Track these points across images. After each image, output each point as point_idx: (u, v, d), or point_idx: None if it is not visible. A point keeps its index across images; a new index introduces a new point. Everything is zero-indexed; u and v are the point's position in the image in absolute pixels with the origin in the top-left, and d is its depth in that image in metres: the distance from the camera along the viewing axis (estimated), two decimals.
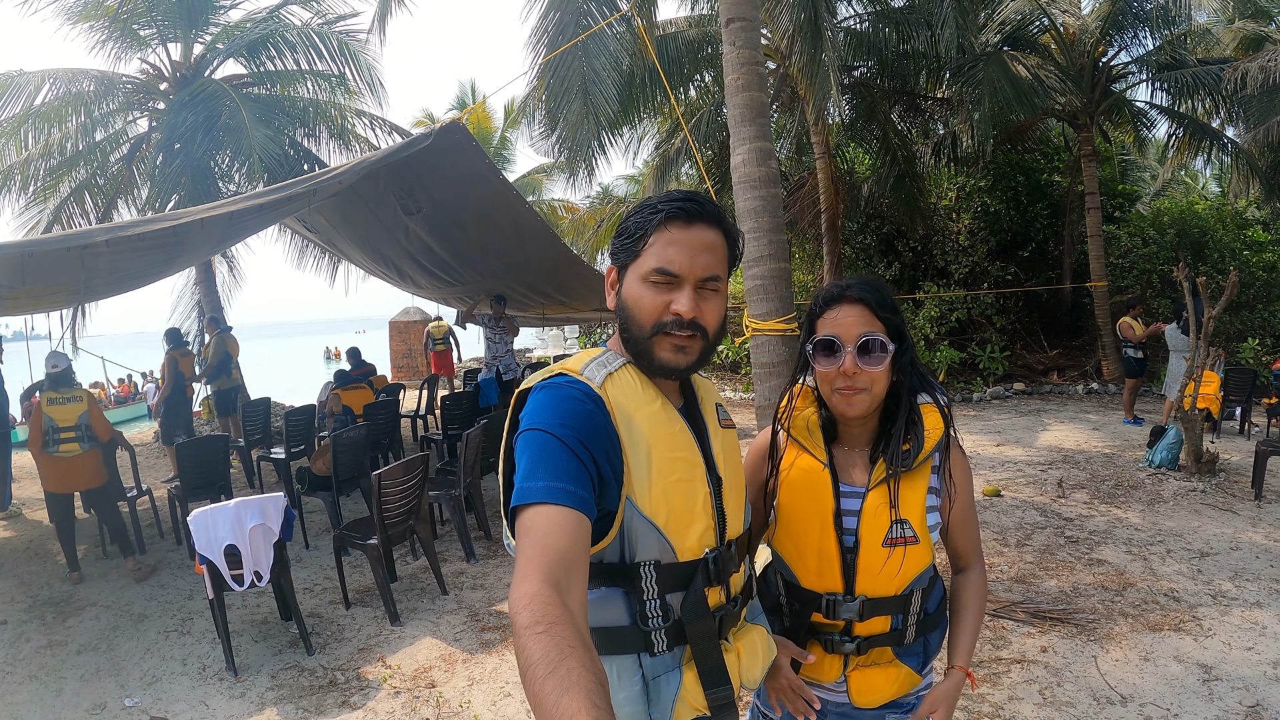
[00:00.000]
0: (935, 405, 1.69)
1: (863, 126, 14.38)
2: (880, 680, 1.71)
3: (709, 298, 1.38)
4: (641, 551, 1.32)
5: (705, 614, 1.37)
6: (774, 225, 5.50)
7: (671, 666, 1.36)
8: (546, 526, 1.13)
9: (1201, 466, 7.31)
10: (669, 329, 1.35)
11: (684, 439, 1.41)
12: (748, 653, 1.47)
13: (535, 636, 0.96)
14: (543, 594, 1.03)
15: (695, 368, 1.41)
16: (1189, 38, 13.62)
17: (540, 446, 1.23)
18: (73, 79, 11.33)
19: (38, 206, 12.08)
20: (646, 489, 1.32)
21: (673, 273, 1.35)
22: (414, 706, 3.95)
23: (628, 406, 1.35)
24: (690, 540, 1.36)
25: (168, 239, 6.33)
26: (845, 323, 1.61)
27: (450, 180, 8.34)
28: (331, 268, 15.20)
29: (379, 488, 5.00)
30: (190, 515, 4.37)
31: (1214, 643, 4.20)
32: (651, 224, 1.38)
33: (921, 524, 1.63)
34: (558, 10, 8.06)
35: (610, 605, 1.34)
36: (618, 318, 1.43)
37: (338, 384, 9.63)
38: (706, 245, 1.37)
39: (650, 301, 1.36)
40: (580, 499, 1.18)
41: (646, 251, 1.37)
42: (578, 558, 1.12)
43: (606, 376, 1.36)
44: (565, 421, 1.25)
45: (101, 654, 4.75)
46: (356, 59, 12.21)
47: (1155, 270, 13.75)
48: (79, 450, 6.14)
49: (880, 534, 1.62)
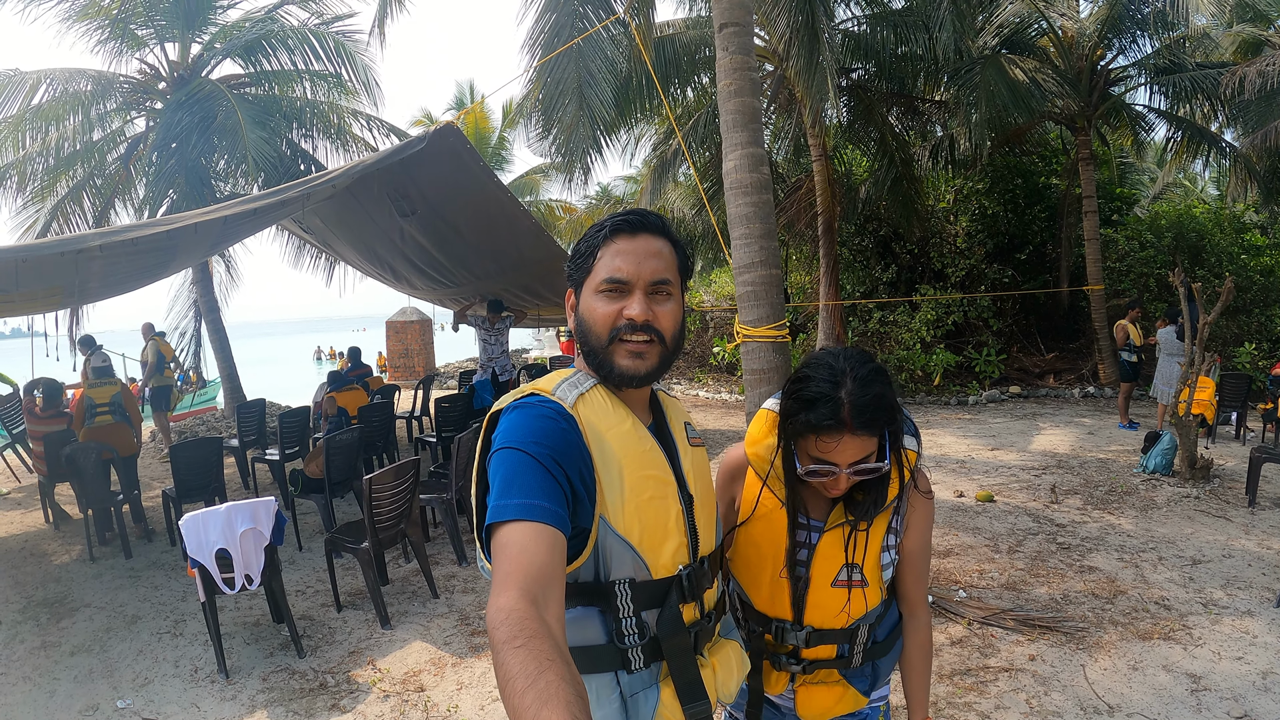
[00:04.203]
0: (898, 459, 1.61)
1: (860, 129, 14.36)
2: (826, 697, 1.75)
3: (661, 302, 1.41)
4: (616, 570, 1.34)
5: (681, 630, 1.38)
6: (765, 231, 5.49)
7: (649, 683, 1.37)
8: (522, 542, 1.13)
9: (1196, 472, 7.33)
10: (624, 334, 1.38)
11: (655, 457, 1.43)
12: (723, 667, 1.49)
13: (513, 650, 0.97)
14: (519, 608, 1.03)
15: (656, 374, 1.42)
16: (1188, 41, 13.62)
17: (514, 464, 1.24)
18: (70, 79, 11.32)
19: (35, 206, 12.07)
20: (620, 507, 1.33)
21: (621, 280, 1.38)
22: (403, 710, 3.95)
23: (599, 426, 1.37)
24: (664, 557, 1.38)
25: (162, 243, 6.34)
26: (844, 452, 1.50)
27: (445, 182, 8.36)
28: (328, 268, 15.17)
29: (370, 492, 5.00)
30: (182, 519, 4.38)
31: (1204, 652, 4.21)
32: (599, 240, 1.42)
33: (874, 569, 1.66)
34: (553, 12, 8.04)
35: (587, 624, 1.35)
36: (577, 337, 1.45)
37: (332, 386, 9.62)
38: (653, 252, 1.40)
39: (604, 311, 1.39)
40: (555, 515, 1.18)
41: (596, 266, 1.41)
42: (554, 572, 1.13)
43: (578, 397, 1.38)
44: (538, 440, 1.26)
45: (95, 655, 4.76)
46: (353, 59, 12.20)
47: (1153, 274, 13.77)
48: (111, 420, 7.34)
49: (830, 575, 1.65)
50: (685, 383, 17.24)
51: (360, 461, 7.09)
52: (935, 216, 16.06)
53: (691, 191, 16.21)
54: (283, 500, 6.17)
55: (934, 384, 13.62)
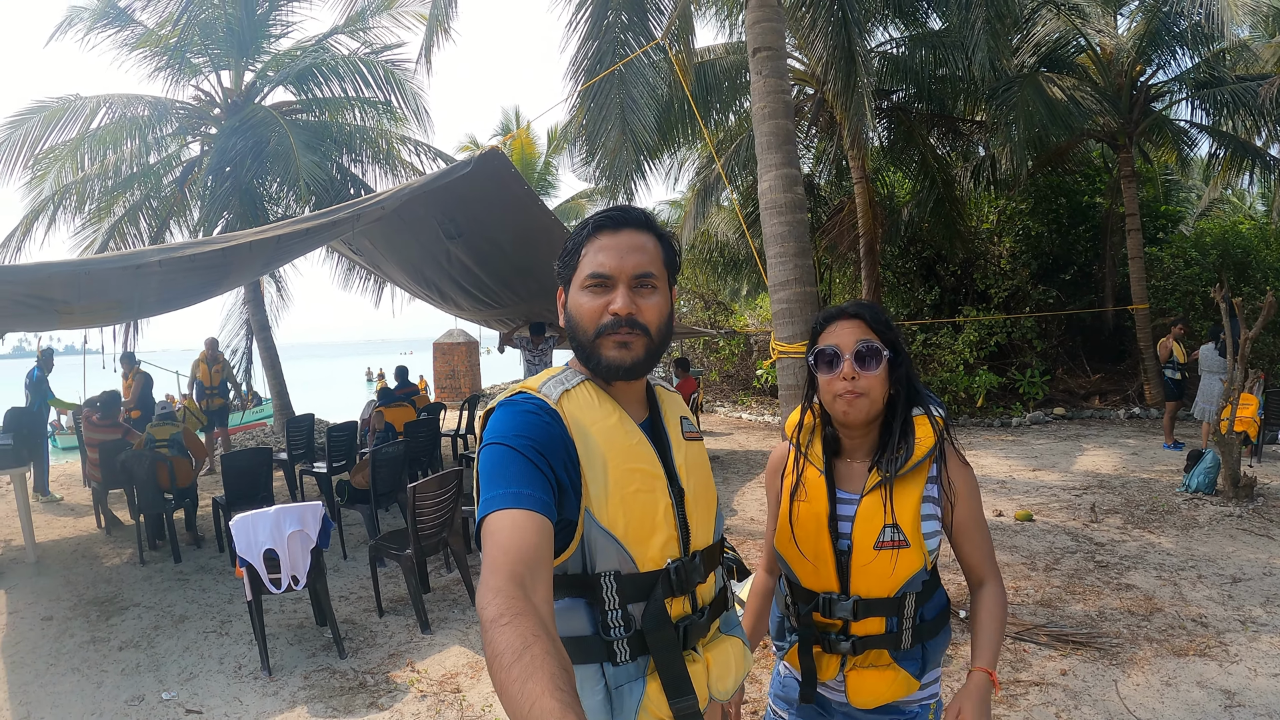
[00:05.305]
0: (928, 416, 1.77)
1: (902, 150, 14.39)
2: (877, 682, 1.77)
3: (646, 295, 1.44)
4: (602, 562, 1.36)
5: (666, 624, 1.39)
6: (799, 250, 5.59)
7: (635, 676, 1.38)
8: (509, 529, 1.17)
9: (1239, 491, 7.21)
10: (609, 329, 1.41)
11: (642, 450, 1.45)
12: (718, 664, 1.50)
13: (500, 629, 0.99)
14: (506, 589, 1.06)
15: (643, 366, 1.45)
16: (1228, 55, 13.45)
17: (498, 458, 1.28)
18: (128, 104, 11.82)
19: (93, 226, 12.56)
20: (604, 500, 1.36)
21: (605, 274, 1.41)
22: (439, 709, 4.07)
23: (583, 420, 1.40)
24: (652, 551, 1.40)
25: (217, 261, 6.60)
26: (843, 334, 1.73)
27: (490, 205, 8.55)
28: (377, 289, 15.46)
29: (414, 500, 5.16)
30: (232, 520, 4.57)
31: (1239, 669, 4.16)
32: (583, 236, 1.47)
33: (913, 529, 1.71)
34: (595, 40, 8.23)
35: (573, 615, 1.37)
36: (568, 333, 1.49)
37: (381, 402, 9.89)
38: (636, 246, 1.44)
39: (589, 306, 1.42)
40: (540, 502, 1.22)
41: (581, 262, 1.45)
42: (541, 556, 1.15)
43: (563, 393, 1.42)
44: (520, 433, 1.31)
45: (142, 651, 4.96)
46: (402, 87, 12.59)
47: (1198, 292, 13.53)
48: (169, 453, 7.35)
49: (872, 537, 1.71)
50: (729, 405, 17.27)
51: (405, 475, 7.27)
52: (978, 237, 15.94)
53: (735, 215, 16.34)
54: (329, 510, 6.36)
55: (977, 406, 13.51)
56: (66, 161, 11.78)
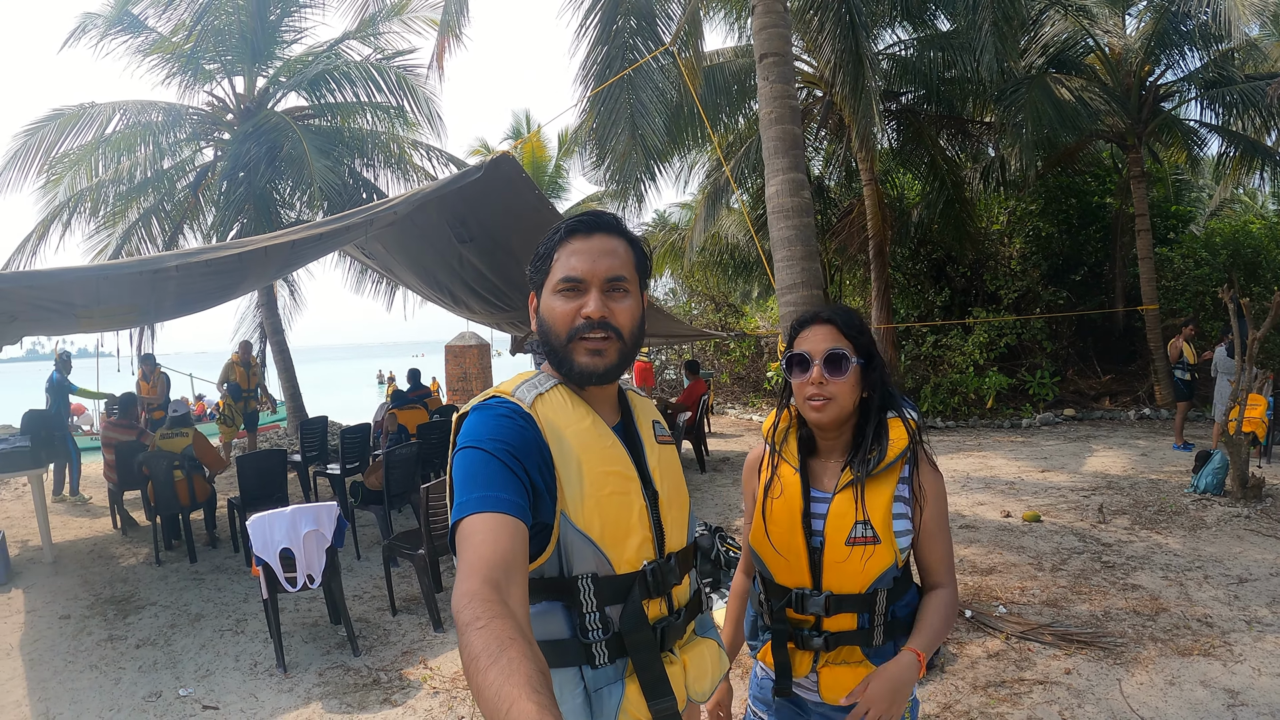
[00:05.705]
0: (901, 420, 1.82)
1: (911, 152, 14.41)
2: (849, 679, 1.78)
3: (619, 299, 1.45)
4: (579, 565, 1.36)
5: (644, 626, 1.40)
6: (806, 253, 5.64)
7: (614, 678, 1.39)
8: (484, 533, 1.17)
9: (1247, 491, 7.22)
10: (582, 333, 1.42)
11: (616, 453, 1.46)
12: (695, 665, 1.52)
13: (476, 632, 1.00)
14: (482, 592, 1.07)
15: (615, 371, 1.46)
16: (1236, 54, 13.44)
17: (472, 462, 1.28)
18: (142, 110, 11.97)
19: (107, 230, 12.71)
20: (579, 503, 1.36)
21: (577, 278, 1.42)
22: (451, 705, 4.15)
23: (558, 423, 1.40)
24: (628, 552, 1.40)
25: (233, 265, 6.70)
26: (814, 340, 1.77)
27: (501, 209, 8.63)
28: (389, 293, 15.57)
29: (426, 501, 5.23)
30: (249, 520, 4.65)
31: (1243, 668, 4.18)
32: (555, 241, 1.48)
33: (884, 526, 1.75)
34: (604, 45, 8.29)
35: (551, 619, 1.37)
36: (540, 337, 1.50)
37: (394, 404, 9.97)
38: (607, 250, 1.45)
39: (562, 310, 1.43)
40: (514, 505, 1.23)
41: (554, 266, 1.46)
42: (515, 559, 1.16)
43: (537, 396, 1.42)
44: (495, 436, 1.31)
45: (159, 648, 5.05)
46: (414, 92, 12.69)
47: (1208, 292, 13.51)
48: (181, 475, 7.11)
49: (844, 533, 1.75)
50: (740, 407, 17.29)
51: (418, 476, 7.34)
52: (988, 239, 15.95)
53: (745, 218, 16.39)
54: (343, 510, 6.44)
55: (987, 407, 13.52)
56: (81, 167, 11.96)
